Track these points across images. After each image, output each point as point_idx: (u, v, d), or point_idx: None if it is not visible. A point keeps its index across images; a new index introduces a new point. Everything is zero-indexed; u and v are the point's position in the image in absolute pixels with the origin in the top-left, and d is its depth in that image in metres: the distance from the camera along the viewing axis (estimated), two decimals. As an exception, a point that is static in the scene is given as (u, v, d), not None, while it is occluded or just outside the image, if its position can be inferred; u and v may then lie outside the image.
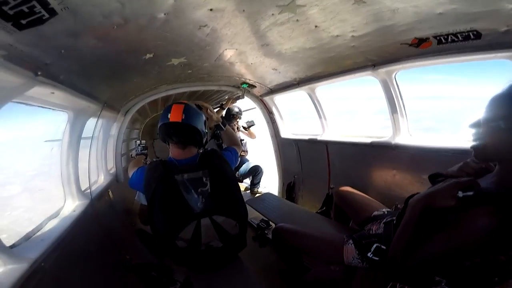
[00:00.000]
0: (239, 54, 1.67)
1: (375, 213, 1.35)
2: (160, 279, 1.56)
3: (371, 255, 1.03)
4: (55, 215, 1.40)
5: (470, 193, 0.73)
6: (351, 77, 1.82)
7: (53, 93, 1.16)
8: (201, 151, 1.38)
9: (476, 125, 0.76)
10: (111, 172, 2.46)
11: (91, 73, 1.36)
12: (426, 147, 1.59)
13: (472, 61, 1.16)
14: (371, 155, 1.98)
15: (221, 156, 1.33)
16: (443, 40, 1.12)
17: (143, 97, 2.41)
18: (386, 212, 1.34)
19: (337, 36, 1.34)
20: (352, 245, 1.12)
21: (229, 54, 1.65)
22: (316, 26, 1.25)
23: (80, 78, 1.33)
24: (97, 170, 2.22)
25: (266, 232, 2.34)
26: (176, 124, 1.24)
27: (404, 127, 1.73)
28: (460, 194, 0.74)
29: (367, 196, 1.58)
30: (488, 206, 0.69)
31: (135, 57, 1.39)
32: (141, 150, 2.13)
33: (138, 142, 2.14)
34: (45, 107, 1.36)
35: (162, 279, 1.56)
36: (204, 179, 1.19)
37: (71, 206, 1.51)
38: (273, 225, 2.28)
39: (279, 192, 3.22)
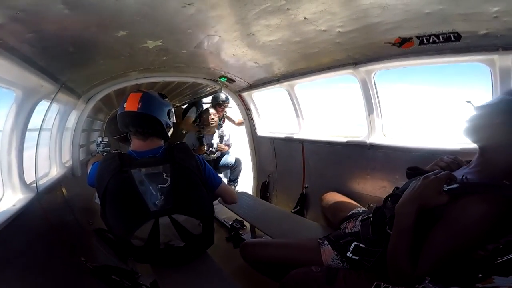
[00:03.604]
0: (222, 42, 1.58)
1: (351, 212, 1.36)
2: (122, 283, 1.42)
3: (351, 254, 1.02)
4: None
5: (455, 185, 0.75)
6: (331, 75, 1.84)
7: (-4, 62, 0.96)
8: (166, 143, 1.28)
9: (479, 108, 0.84)
10: (67, 165, 2.18)
11: (50, 45, 1.15)
12: (400, 147, 1.66)
13: (450, 63, 1.23)
14: (346, 155, 2.02)
15: (188, 149, 1.23)
16: (425, 41, 1.16)
17: (110, 84, 2.18)
18: (361, 211, 1.35)
19: (324, 30, 1.33)
20: (329, 245, 1.10)
21: (210, 41, 1.55)
22: (305, 18, 1.22)
23: (35, 49, 1.12)
24: (48, 161, 1.94)
25: (240, 232, 2.27)
26: (131, 113, 1.15)
27: (379, 127, 1.79)
28: (445, 187, 0.76)
29: (345, 197, 1.60)
30: (476, 194, 0.72)
31: (106, 33, 1.22)
32: (102, 148, 1.88)
33: (100, 139, 1.90)
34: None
35: (125, 283, 1.42)
36: (164, 175, 1.10)
37: (10, 199, 1.26)
38: (247, 225, 2.22)
39: (253, 191, 3.17)
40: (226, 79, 2.40)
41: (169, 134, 1.30)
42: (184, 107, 3.83)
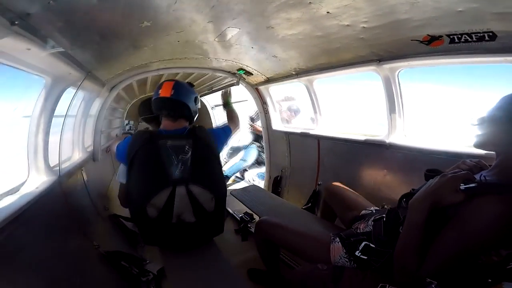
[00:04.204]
0: (241, 35, 1.57)
1: (363, 212, 1.33)
2: (131, 269, 1.48)
3: (359, 253, 1.01)
4: (14, 190, 1.22)
5: (473, 184, 0.73)
6: (352, 71, 1.78)
7: (29, 49, 1.01)
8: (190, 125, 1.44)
9: (481, 119, 0.83)
10: (88, 150, 2.28)
11: (78, 34, 1.20)
12: (420, 149, 1.59)
13: (482, 64, 1.16)
14: (363, 153, 1.98)
15: (208, 131, 1.42)
16: (456, 39, 1.09)
17: (133, 73, 2.24)
18: (374, 211, 1.32)
19: (347, 25, 1.28)
20: (339, 243, 1.09)
21: (231, 33, 1.55)
22: (328, 12, 1.18)
23: (65, 38, 1.17)
24: (72, 145, 2.04)
25: (249, 225, 2.29)
26: (165, 98, 1.34)
27: (400, 127, 1.73)
28: (463, 186, 0.74)
29: (356, 193, 1.56)
30: (492, 195, 0.70)
31: (131, 23, 1.24)
32: (128, 130, 2.00)
33: (126, 121, 2.00)
34: (19, 68, 1.19)
35: (133, 270, 1.48)
36: (186, 147, 1.25)
37: (34, 182, 1.34)
38: (257, 218, 2.23)
39: (265, 185, 3.18)
40: (244, 72, 2.39)
41: (195, 118, 1.48)
42: None
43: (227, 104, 1.89)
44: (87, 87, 1.88)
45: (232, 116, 1.81)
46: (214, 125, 4.76)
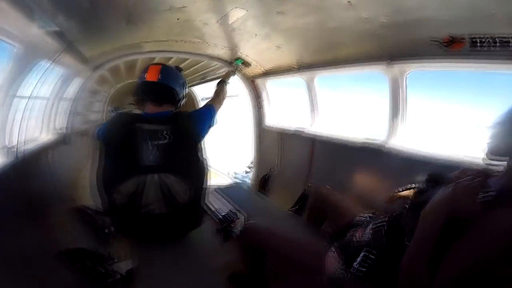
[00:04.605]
0: (247, 18, 1.44)
1: (357, 218, 1.26)
2: (95, 270, 1.32)
3: (358, 265, 0.92)
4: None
5: (491, 194, 0.68)
6: (359, 69, 1.72)
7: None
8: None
9: (494, 125, 0.79)
10: (61, 132, 2.03)
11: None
12: (420, 155, 1.56)
13: (501, 71, 1.12)
14: (359, 157, 1.92)
15: (191, 115, 1.35)
16: (479, 43, 1.04)
17: (122, 53, 2.02)
18: (369, 218, 1.24)
19: (366, 19, 1.20)
20: (335, 253, 1.01)
21: (236, 15, 1.41)
22: (349, 2, 1.09)
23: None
24: (41, 125, 1.80)
25: (232, 225, 2.16)
26: (151, 82, 1.28)
27: (401, 133, 1.68)
28: (481, 196, 0.69)
29: (347, 198, 1.49)
30: (507, 207, 0.65)
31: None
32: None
33: (112, 108, 1.82)
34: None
35: (98, 270, 1.32)
36: (164, 132, 1.18)
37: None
38: (242, 217, 2.12)
39: (251, 184, 3.06)
40: (242, 61, 2.25)
41: (182, 103, 1.41)
42: None
43: (224, 82, 1.80)
44: (65, 62, 1.65)
45: (221, 93, 1.70)
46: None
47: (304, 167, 2.33)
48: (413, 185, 1.23)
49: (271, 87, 2.66)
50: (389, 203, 1.30)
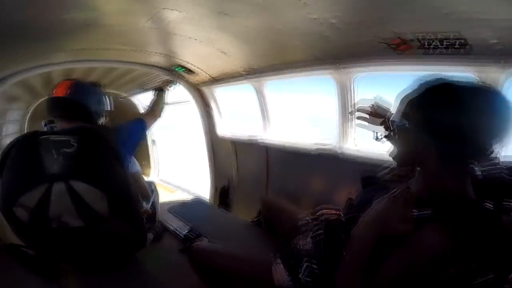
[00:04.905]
0: (183, 20, 1.24)
1: (300, 222, 1.18)
2: None
3: (303, 276, 0.90)
4: None
5: (428, 211, 0.64)
6: (307, 74, 1.66)
7: None
8: None
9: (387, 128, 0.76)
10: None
11: None
12: (372, 159, 1.55)
13: (448, 72, 1.14)
14: (314, 164, 1.87)
15: (113, 130, 1.25)
16: (426, 45, 1.03)
17: (31, 65, 1.59)
18: (310, 220, 1.15)
19: (314, 19, 1.11)
20: (281, 264, 0.97)
21: (167, 17, 1.19)
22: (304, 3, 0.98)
23: None
24: None
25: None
26: (60, 98, 1.18)
27: (351, 137, 1.67)
28: (415, 213, 0.65)
29: (292, 204, 1.46)
30: (439, 223, 0.62)
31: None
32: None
33: (43, 122, 1.46)
34: None
35: None
36: (72, 141, 1.05)
37: None
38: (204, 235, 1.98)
39: (211, 198, 2.86)
40: (183, 69, 2.01)
41: (100, 122, 1.28)
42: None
43: (161, 90, 1.63)
44: None
45: (156, 105, 1.57)
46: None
47: (261, 176, 2.22)
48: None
49: (220, 95, 2.48)
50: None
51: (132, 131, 1.32)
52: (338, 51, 1.38)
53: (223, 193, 2.64)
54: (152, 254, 1.35)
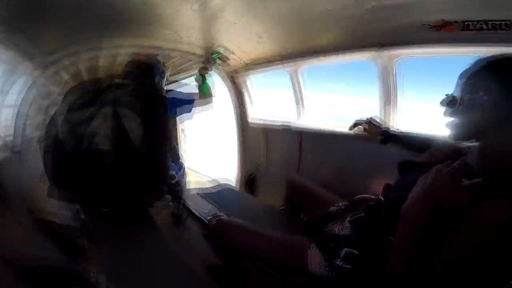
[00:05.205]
0: (228, 2, 1.28)
1: (332, 208, 1.19)
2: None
3: (341, 262, 0.86)
4: None
5: (478, 179, 0.61)
6: (347, 58, 1.62)
7: None
8: None
9: (451, 102, 0.72)
10: (7, 139, 1.70)
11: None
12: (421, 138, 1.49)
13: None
14: (353, 148, 1.82)
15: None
16: (471, 27, 1.01)
17: (78, 49, 1.71)
18: (343, 206, 1.18)
19: (356, 2, 1.10)
20: (317, 249, 0.93)
21: (214, 1, 1.24)
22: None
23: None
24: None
25: None
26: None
27: (394, 123, 1.62)
28: (466, 182, 0.62)
29: (320, 187, 1.43)
30: (501, 198, 0.59)
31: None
32: None
33: None
34: None
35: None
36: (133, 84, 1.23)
37: None
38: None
39: (238, 184, 2.86)
40: (218, 55, 2.07)
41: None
42: None
43: (203, 76, 1.83)
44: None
45: (204, 91, 1.77)
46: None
47: (293, 163, 2.20)
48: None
49: (253, 82, 2.50)
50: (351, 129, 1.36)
51: (182, 101, 1.52)
52: (379, 33, 1.33)
53: (250, 180, 2.64)
54: (176, 236, 1.39)
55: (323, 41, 1.61)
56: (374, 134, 1.23)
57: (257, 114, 2.67)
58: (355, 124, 1.32)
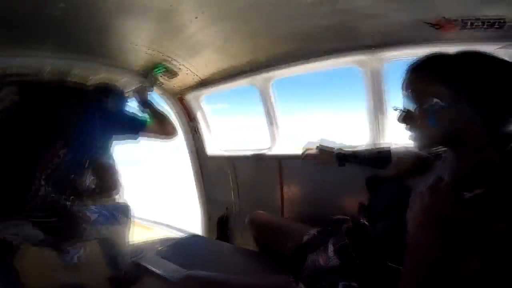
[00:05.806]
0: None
1: (305, 238, 1.11)
2: None
3: None
4: None
5: (480, 190, 0.56)
6: (332, 63, 1.38)
7: None
8: None
9: (407, 117, 0.69)
10: None
11: None
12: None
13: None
14: (342, 169, 1.57)
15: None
16: (469, 25, 0.97)
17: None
18: (315, 233, 1.10)
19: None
20: None
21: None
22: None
23: None
24: None
25: None
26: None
27: (388, 132, 1.44)
28: (467, 195, 0.57)
29: (285, 218, 1.43)
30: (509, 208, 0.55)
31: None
32: None
33: None
34: None
35: None
36: None
37: None
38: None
39: (203, 229, 2.39)
40: (164, 69, 1.57)
41: None
42: None
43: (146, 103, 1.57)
44: None
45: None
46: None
47: (275, 196, 1.86)
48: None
49: (210, 101, 2.09)
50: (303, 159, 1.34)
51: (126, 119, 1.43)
52: (371, 33, 1.16)
53: (222, 223, 2.22)
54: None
55: (299, 44, 1.33)
56: (329, 160, 1.23)
57: (217, 143, 2.23)
58: (305, 156, 1.32)
